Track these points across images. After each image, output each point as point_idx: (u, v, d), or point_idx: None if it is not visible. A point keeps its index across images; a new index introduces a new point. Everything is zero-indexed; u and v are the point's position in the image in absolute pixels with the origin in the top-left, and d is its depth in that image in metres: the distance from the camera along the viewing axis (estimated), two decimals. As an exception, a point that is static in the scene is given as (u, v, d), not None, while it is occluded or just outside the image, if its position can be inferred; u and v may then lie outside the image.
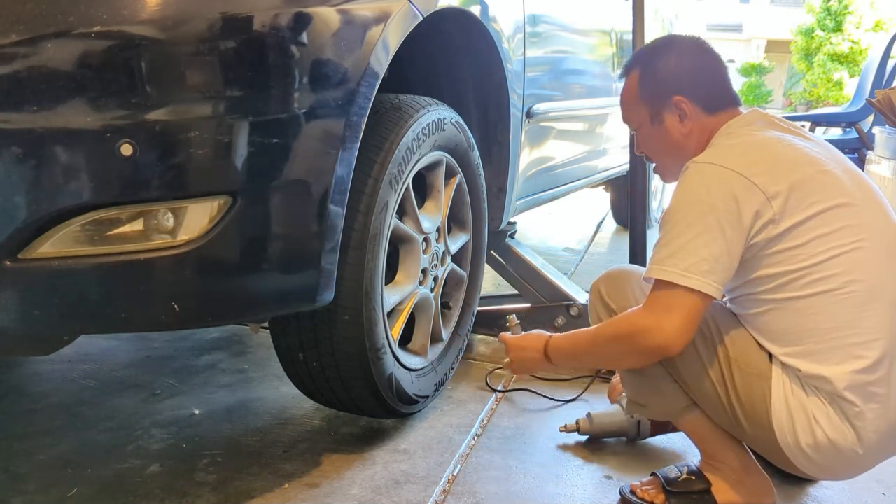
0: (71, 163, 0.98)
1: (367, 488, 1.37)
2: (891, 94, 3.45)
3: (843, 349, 1.14)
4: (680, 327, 1.12)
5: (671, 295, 1.13)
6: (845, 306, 1.14)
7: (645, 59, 1.35)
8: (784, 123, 1.27)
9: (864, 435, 1.15)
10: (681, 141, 1.31)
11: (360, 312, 1.34)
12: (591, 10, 2.70)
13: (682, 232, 1.14)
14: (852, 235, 1.15)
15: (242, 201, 1.08)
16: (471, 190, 1.80)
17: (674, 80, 1.30)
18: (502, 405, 1.78)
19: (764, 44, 26.05)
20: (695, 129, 1.30)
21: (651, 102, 1.32)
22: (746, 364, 1.21)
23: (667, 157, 1.36)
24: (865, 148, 4.92)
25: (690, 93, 1.29)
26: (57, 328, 1.10)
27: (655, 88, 1.31)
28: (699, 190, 1.16)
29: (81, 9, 0.96)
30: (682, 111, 1.29)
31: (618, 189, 4.05)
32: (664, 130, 1.32)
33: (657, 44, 1.37)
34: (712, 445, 1.33)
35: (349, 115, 1.19)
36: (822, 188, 1.16)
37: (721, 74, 1.32)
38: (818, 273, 1.14)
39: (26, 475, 1.39)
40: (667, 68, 1.31)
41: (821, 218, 1.14)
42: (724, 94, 1.31)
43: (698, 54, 1.32)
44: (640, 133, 1.38)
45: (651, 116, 1.33)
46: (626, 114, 1.40)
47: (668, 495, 1.34)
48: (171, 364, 1.95)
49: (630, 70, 1.36)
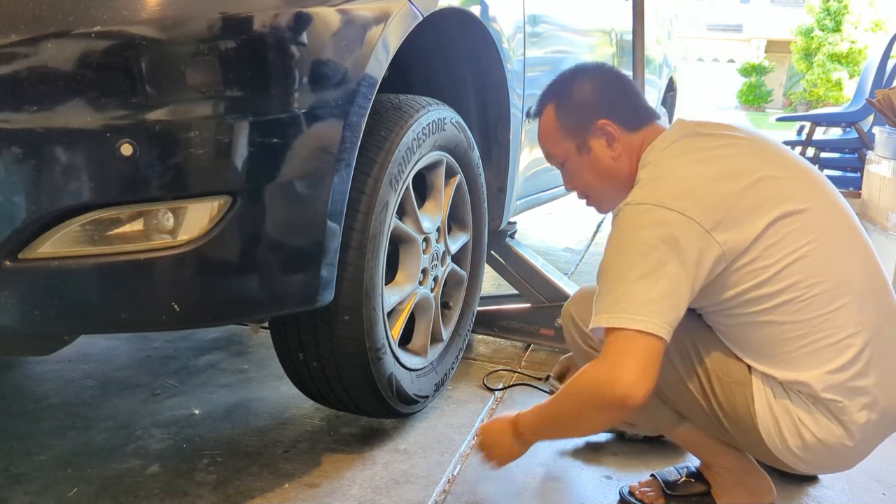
0: (71, 163, 0.98)
1: (367, 488, 1.37)
2: (891, 94, 3.45)
3: (815, 353, 1.12)
4: (637, 374, 1.04)
5: (622, 340, 1.05)
6: (810, 311, 1.11)
7: (557, 91, 1.31)
8: (708, 128, 1.22)
9: (853, 428, 1.13)
10: (612, 166, 1.27)
11: (360, 312, 1.34)
12: (591, 10, 2.70)
13: (624, 276, 1.08)
14: (802, 239, 1.11)
15: (242, 201, 1.08)
16: (471, 190, 1.80)
17: (593, 104, 1.26)
18: (502, 405, 1.78)
19: (764, 44, 26.06)
20: (623, 150, 1.26)
21: (574, 133, 1.28)
22: (726, 374, 1.19)
23: (601, 186, 1.31)
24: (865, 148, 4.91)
25: (612, 114, 1.26)
26: (57, 328, 1.10)
27: (576, 117, 1.27)
28: (635, 232, 1.11)
29: (81, 9, 0.96)
30: (609, 134, 1.25)
31: (618, 189, 4.04)
32: (594, 158, 1.27)
33: (564, 75, 1.33)
34: (708, 452, 1.33)
35: (349, 115, 1.19)
36: (759, 201, 1.11)
37: (634, 92, 1.31)
38: (776, 284, 1.10)
39: (26, 475, 1.39)
40: (583, 95, 1.27)
41: (767, 232, 1.10)
42: (643, 110, 1.29)
43: (609, 77, 1.31)
44: (567, 168, 1.33)
45: (577, 147, 1.28)
46: (549, 151, 1.34)
47: (668, 498, 1.34)
48: (171, 364, 1.95)
49: (543, 106, 1.32)
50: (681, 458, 1.52)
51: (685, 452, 1.56)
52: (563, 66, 2.37)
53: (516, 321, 2.15)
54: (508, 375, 1.94)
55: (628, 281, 1.08)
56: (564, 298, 2.10)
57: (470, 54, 1.80)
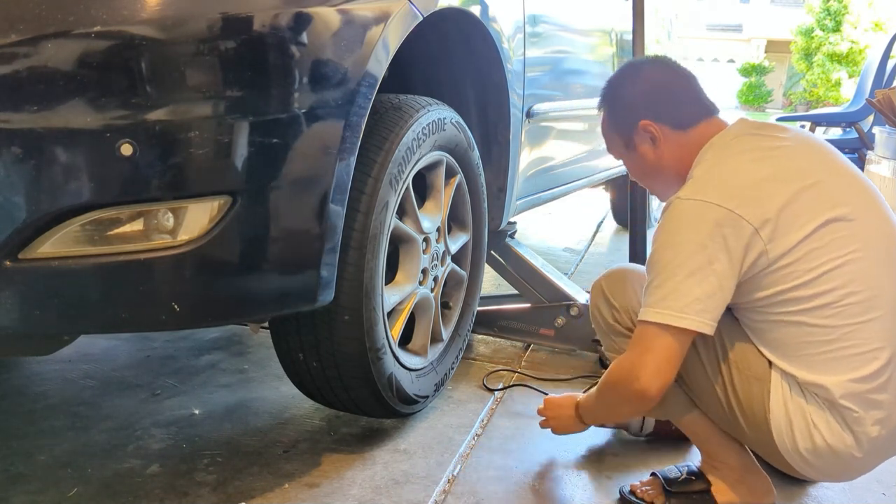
0: (71, 163, 0.98)
1: (367, 488, 1.37)
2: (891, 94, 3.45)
3: (841, 360, 1.12)
4: (654, 370, 1.12)
5: (650, 336, 1.13)
6: (842, 319, 1.12)
7: (609, 91, 1.37)
8: (768, 130, 1.24)
9: (864, 440, 1.14)
10: (657, 164, 1.30)
11: (360, 312, 1.34)
12: (591, 10, 2.70)
13: (673, 273, 1.12)
14: (846, 247, 1.12)
15: (242, 201, 1.08)
16: (471, 190, 1.80)
17: (636, 106, 1.30)
18: (502, 405, 1.78)
19: (764, 44, 26.05)
20: (668, 149, 1.28)
21: (621, 132, 1.33)
22: (746, 367, 1.20)
23: (651, 180, 1.37)
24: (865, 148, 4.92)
25: (655, 115, 1.28)
26: (57, 328, 1.10)
27: (622, 117, 1.32)
28: (685, 228, 1.14)
29: (81, 9, 0.96)
30: (652, 134, 1.28)
31: (618, 189, 4.05)
32: (640, 156, 1.32)
33: (619, 73, 1.38)
34: (712, 445, 1.33)
35: (349, 115, 1.19)
36: (810, 205, 1.13)
37: (687, 89, 1.31)
38: (814, 288, 1.12)
39: (26, 475, 1.39)
40: (629, 96, 1.32)
41: (814, 235, 1.11)
42: (695, 108, 1.29)
43: (659, 75, 1.32)
44: (624, 162, 1.40)
45: (625, 145, 1.34)
46: (608, 146, 1.42)
47: (668, 496, 1.34)
48: (171, 364, 1.95)
49: (601, 105, 1.39)
50: (681, 459, 1.52)
51: (685, 453, 1.56)
52: (563, 66, 2.41)
53: (516, 321, 2.15)
54: (508, 375, 1.94)
55: (677, 278, 1.12)
56: (564, 298, 2.11)
57: (470, 54, 1.80)
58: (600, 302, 1.39)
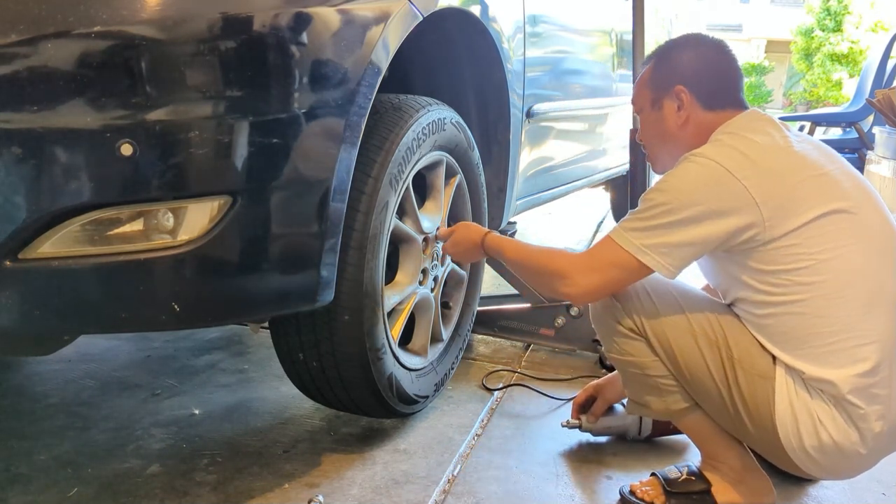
0: (71, 163, 0.98)
1: (367, 488, 1.37)
2: (891, 94, 3.45)
3: (845, 352, 1.14)
4: (593, 289, 1.23)
5: (611, 255, 1.20)
6: (844, 309, 1.14)
7: (664, 49, 1.39)
8: (780, 126, 1.27)
9: (868, 436, 1.15)
10: (675, 130, 1.33)
11: (360, 312, 1.34)
12: (591, 10, 2.70)
13: (660, 213, 1.17)
14: (848, 239, 1.15)
15: (242, 201, 1.08)
16: (471, 190, 1.79)
17: (681, 70, 1.32)
18: (502, 405, 1.78)
19: (764, 44, 26.04)
20: (690, 121, 1.31)
21: (655, 88, 1.36)
22: (750, 365, 1.20)
23: (660, 144, 1.38)
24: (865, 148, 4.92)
25: (693, 85, 1.30)
26: (57, 328, 1.10)
27: (663, 76, 1.35)
28: (692, 181, 1.18)
29: (81, 9, 0.96)
30: (681, 100, 1.31)
31: (618, 189, 4.05)
32: (661, 117, 1.35)
33: (681, 38, 1.40)
34: (712, 445, 1.33)
35: (349, 115, 1.19)
36: (817, 193, 1.16)
37: (731, 76, 1.33)
38: (815, 275, 1.14)
39: (26, 475, 1.39)
40: (679, 60, 1.34)
41: (816, 222, 1.14)
42: (729, 95, 1.32)
43: (714, 54, 1.34)
44: (640, 118, 1.42)
45: (652, 101, 1.36)
46: (634, 96, 1.43)
47: (668, 496, 1.34)
48: (171, 364, 1.95)
49: (650, 59, 1.41)
50: (681, 459, 1.52)
51: (685, 453, 1.56)
52: (563, 66, 2.41)
53: (516, 321, 2.15)
54: (508, 375, 1.94)
55: (660, 220, 1.17)
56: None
57: (470, 54, 1.80)
58: (601, 301, 1.39)
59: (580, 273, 1.22)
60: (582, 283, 1.22)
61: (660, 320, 1.26)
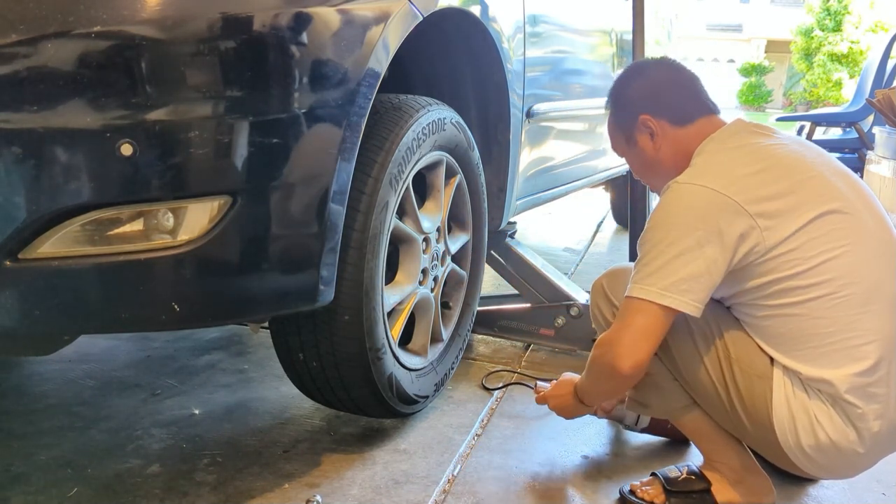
0: (71, 163, 0.98)
1: (367, 488, 1.37)
2: (891, 94, 3.45)
3: (843, 352, 1.14)
4: (629, 346, 1.15)
5: (634, 310, 1.15)
6: (843, 309, 1.14)
7: (615, 90, 1.40)
8: (766, 130, 1.27)
9: (866, 435, 1.15)
10: (655, 157, 1.33)
11: (360, 312, 1.34)
12: (591, 10, 2.70)
13: (662, 252, 1.15)
14: (844, 239, 1.14)
15: (242, 201, 1.08)
16: (471, 190, 1.80)
17: (638, 101, 1.34)
18: (502, 405, 1.78)
19: (764, 44, 26.05)
20: (666, 143, 1.31)
21: (623, 127, 1.37)
22: (748, 365, 1.20)
23: (650, 175, 1.39)
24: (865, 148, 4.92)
25: (655, 110, 1.31)
26: (57, 328, 1.10)
27: (624, 113, 1.36)
28: (680, 210, 1.17)
29: (81, 9, 0.96)
30: (650, 129, 1.32)
31: (618, 189, 4.05)
32: (640, 151, 1.36)
33: (625, 73, 1.42)
34: (712, 445, 1.34)
35: (349, 115, 1.19)
36: (809, 195, 1.15)
37: (687, 88, 1.33)
38: (813, 278, 1.13)
39: (26, 475, 1.39)
40: (632, 92, 1.36)
41: (811, 225, 1.14)
42: (694, 105, 1.31)
43: (661, 73, 1.36)
44: (626, 159, 1.43)
45: (626, 140, 1.37)
46: (612, 143, 1.44)
47: (668, 495, 1.34)
48: (171, 364, 1.95)
49: (607, 104, 1.42)
50: (681, 459, 1.52)
51: (685, 453, 1.56)
52: (563, 66, 2.41)
53: (516, 321, 2.15)
54: (508, 375, 1.94)
55: (666, 257, 1.14)
56: (564, 298, 2.11)
57: (470, 54, 1.80)
58: (601, 301, 1.40)
59: (614, 342, 1.18)
60: (620, 348, 1.16)
61: None
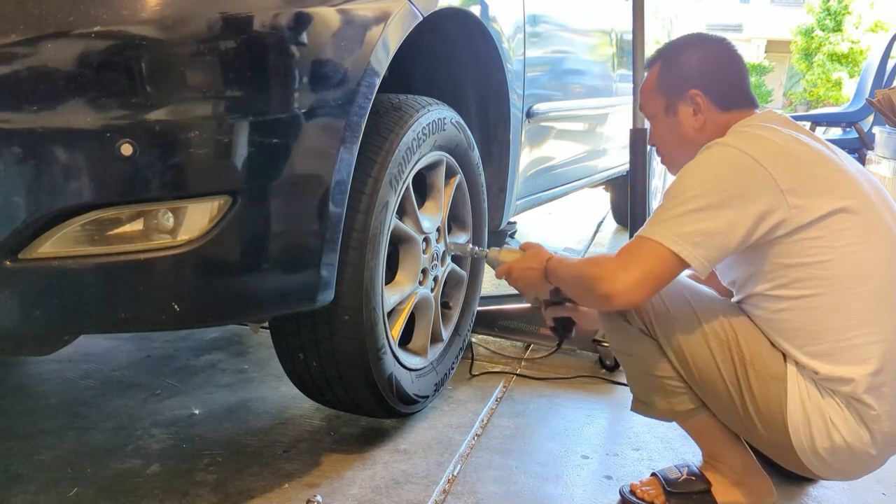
0: (71, 163, 0.98)
1: (367, 488, 1.37)
2: (891, 94, 3.45)
3: (860, 348, 1.14)
4: (633, 282, 1.13)
5: (643, 250, 1.14)
6: (860, 304, 1.14)
7: (670, 52, 1.37)
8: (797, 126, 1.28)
9: (878, 437, 1.15)
10: (692, 134, 1.32)
11: (360, 312, 1.34)
12: (591, 10, 2.70)
13: (685, 201, 1.15)
14: (866, 235, 1.15)
15: (242, 201, 1.08)
16: (471, 190, 1.79)
17: (693, 74, 1.31)
18: (502, 405, 1.78)
19: (764, 44, 26.04)
20: (707, 123, 1.31)
21: (668, 94, 1.34)
22: (762, 366, 1.20)
23: (677, 149, 1.37)
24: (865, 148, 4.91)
25: (707, 88, 1.30)
26: (57, 328, 1.10)
27: (674, 81, 1.33)
28: (717, 168, 1.17)
29: (81, 9, 0.96)
30: (697, 105, 1.30)
31: (618, 189, 4.05)
32: (677, 122, 1.34)
33: (684, 39, 1.39)
34: (714, 445, 1.33)
35: (349, 114, 1.19)
36: (838, 186, 1.16)
37: (741, 76, 1.33)
38: (836, 270, 1.14)
39: (26, 475, 1.39)
40: (688, 63, 1.33)
41: (838, 216, 1.14)
42: (741, 94, 1.32)
43: (722, 54, 1.34)
44: (653, 123, 1.40)
45: (666, 107, 1.35)
46: (643, 102, 1.42)
47: (668, 496, 1.34)
48: (171, 364, 1.95)
49: (654, 62, 1.39)
50: (681, 459, 1.52)
51: (685, 453, 1.55)
52: (563, 66, 2.41)
53: (516, 321, 2.15)
54: (508, 375, 1.94)
55: (688, 207, 1.14)
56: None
57: (470, 54, 1.80)
58: None
59: (616, 270, 1.15)
60: (620, 279, 1.14)
61: (670, 321, 1.25)
